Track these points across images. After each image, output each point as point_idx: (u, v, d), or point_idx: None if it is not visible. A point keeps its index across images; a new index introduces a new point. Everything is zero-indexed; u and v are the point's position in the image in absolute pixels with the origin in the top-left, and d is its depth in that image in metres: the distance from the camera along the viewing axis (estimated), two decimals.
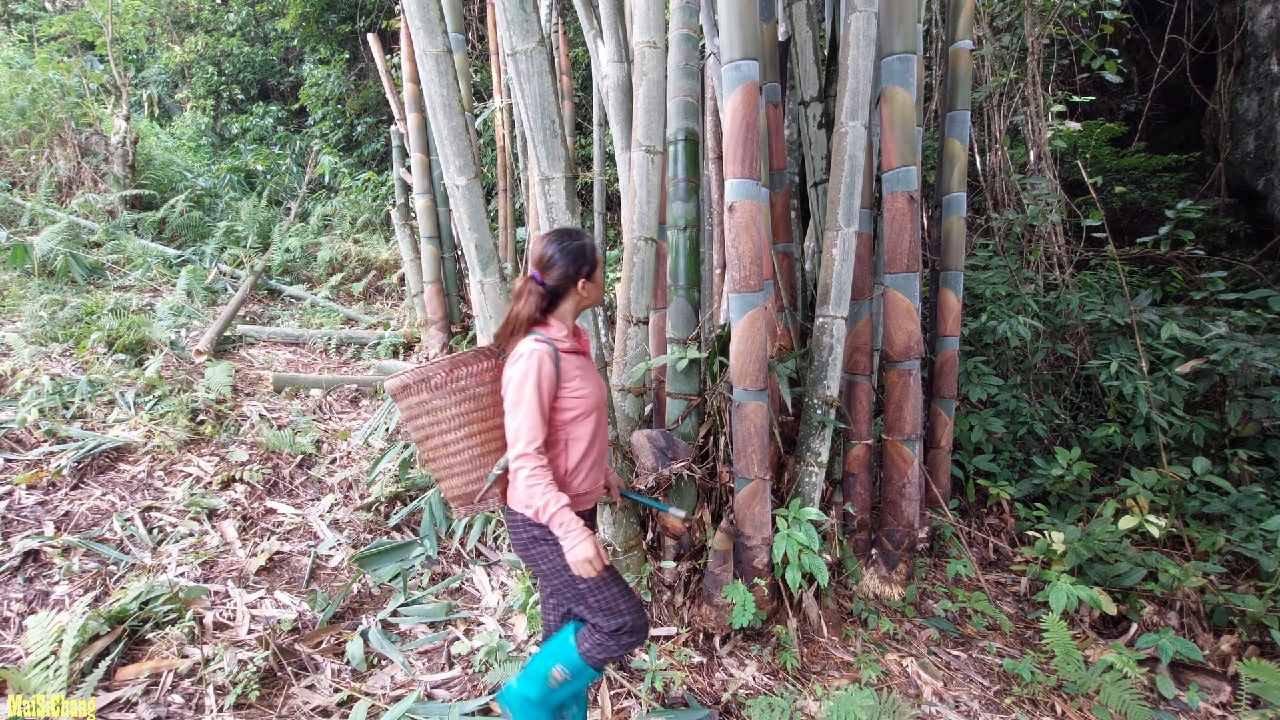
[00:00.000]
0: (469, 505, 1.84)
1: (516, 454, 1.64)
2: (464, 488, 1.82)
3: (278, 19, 10.57)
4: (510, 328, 1.74)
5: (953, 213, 3.64)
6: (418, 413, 1.77)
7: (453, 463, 1.80)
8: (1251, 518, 3.31)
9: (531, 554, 1.77)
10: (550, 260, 1.74)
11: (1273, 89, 5.28)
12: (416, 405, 1.76)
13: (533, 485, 1.63)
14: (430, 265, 5.40)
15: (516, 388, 1.65)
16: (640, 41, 2.96)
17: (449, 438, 1.78)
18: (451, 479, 1.81)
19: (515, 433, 1.65)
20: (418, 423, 1.78)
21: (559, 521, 1.63)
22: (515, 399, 1.65)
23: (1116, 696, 2.45)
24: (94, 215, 6.77)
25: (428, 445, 1.79)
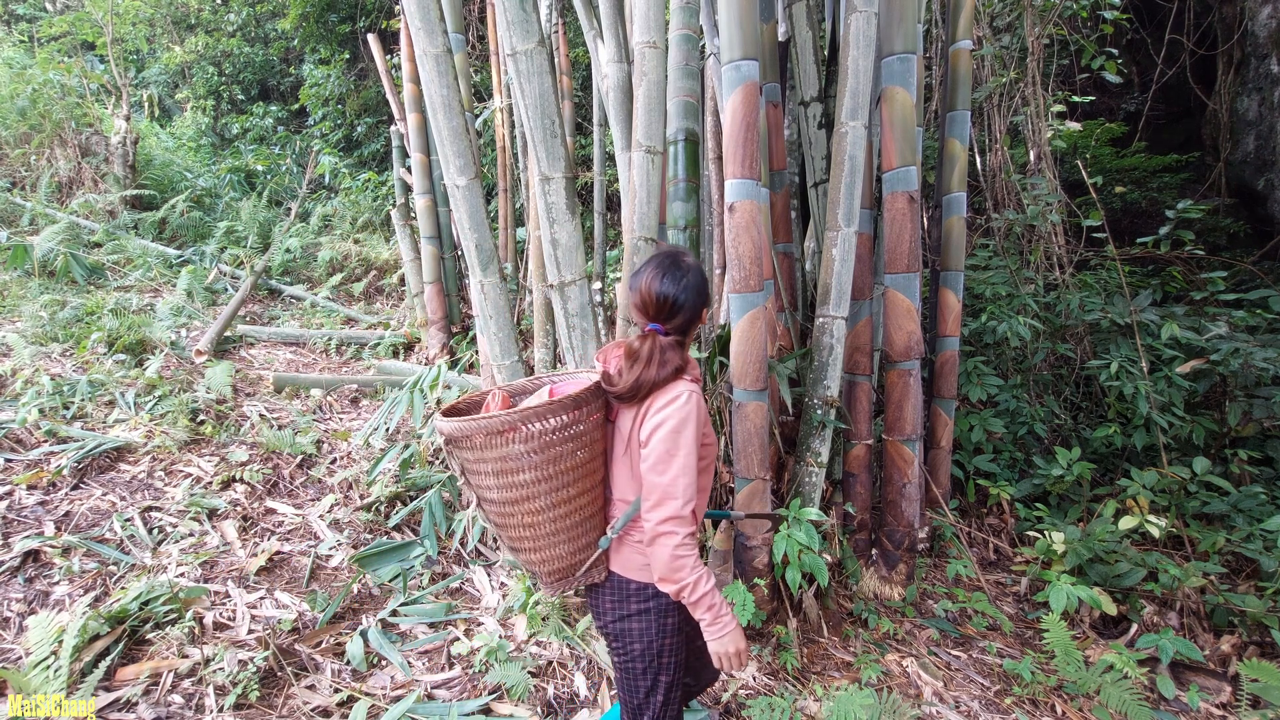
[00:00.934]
0: (567, 580, 1.49)
1: (666, 515, 1.33)
2: (571, 557, 1.47)
3: (278, 19, 10.58)
4: (643, 392, 1.40)
5: (953, 213, 3.64)
6: (517, 465, 1.35)
7: (559, 528, 1.42)
8: (1252, 518, 3.31)
9: (629, 627, 1.49)
10: (675, 305, 1.42)
11: (1273, 89, 5.28)
12: (520, 454, 1.35)
13: (683, 557, 1.34)
14: (430, 265, 5.41)
15: (671, 435, 1.35)
16: (640, 41, 2.96)
17: (559, 495, 1.40)
18: (555, 548, 1.44)
19: (665, 489, 1.34)
20: (516, 479, 1.36)
21: (709, 604, 1.36)
22: (669, 449, 1.34)
23: (1117, 697, 2.45)
24: (94, 215, 6.77)
25: (528, 506, 1.39)
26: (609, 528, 1.51)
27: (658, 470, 1.35)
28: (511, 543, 1.47)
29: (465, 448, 1.38)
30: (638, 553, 1.48)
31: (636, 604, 1.49)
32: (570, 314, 2.68)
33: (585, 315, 2.71)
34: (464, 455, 1.40)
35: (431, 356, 5.42)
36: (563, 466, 1.39)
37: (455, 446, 1.40)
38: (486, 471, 1.37)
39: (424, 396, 3.76)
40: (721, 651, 1.39)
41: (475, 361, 4.96)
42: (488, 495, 1.42)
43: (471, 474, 1.41)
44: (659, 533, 1.35)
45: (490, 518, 1.47)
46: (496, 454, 1.35)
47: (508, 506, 1.40)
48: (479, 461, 1.37)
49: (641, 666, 1.51)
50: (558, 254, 2.62)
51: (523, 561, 1.50)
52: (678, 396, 1.37)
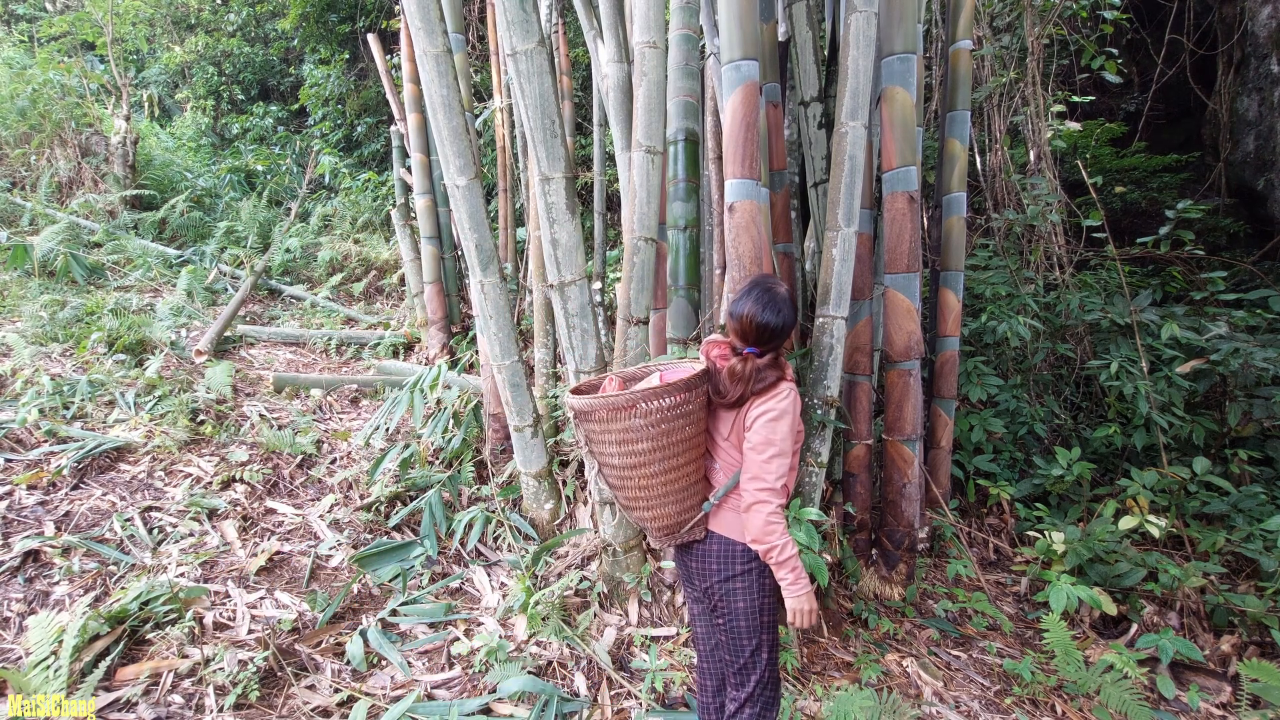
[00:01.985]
0: (674, 534, 1.75)
1: (763, 487, 1.60)
2: (677, 515, 1.73)
3: (278, 19, 10.57)
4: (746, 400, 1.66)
5: (953, 213, 3.64)
6: (636, 436, 1.62)
7: (669, 490, 1.69)
8: (1252, 518, 3.31)
9: (734, 586, 1.72)
10: (774, 332, 1.66)
11: (1273, 89, 5.28)
12: (640, 428, 1.61)
13: (774, 523, 1.60)
14: (430, 265, 5.40)
15: (772, 424, 1.61)
16: (640, 41, 2.96)
17: (673, 462, 1.66)
18: (665, 506, 1.71)
19: (764, 467, 1.60)
20: (635, 447, 1.63)
21: (792, 565, 1.62)
22: (770, 434, 1.61)
23: (1117, 697, 2.45)
24: (94, 215, 6.77)
25: (644, 471, 1.65)
26: (711, 494, 1.75)
27: (758, 450, 1.61)
28: (627, 502, 1.73)
29: (592, 421, 1.65)
30: (739, 517, 1.71)
31: (741, 565, 1.72)
32: (570, 314, 2.68)
33: (585, 315, 2.70)
34: (590, 427, 1.67)
35: (431, 356, 5.42)
36: (673, 439, 1.65)
37: (583, 420, 1.68)
38: (610, 441, 1.64)
39: (424, 396, 3.76)
40: (798, 608, 1.65)
41: (475, 361, 4.96)
42: (610, 461, 1.68)
43: (595, 444, 1.70)
44: (756, 500, 1.61)
45: (609, 481, 1.74)
46: (620, 426, 1.61)
47: (626, 471, 1.67)
48: (604, 433, 1.64)
49: (745, 624, 1.73)
50: (558, 254, 2.62)
51: (635, 518, 1.76)
52: (780, 392, 1.64)
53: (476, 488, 3.63)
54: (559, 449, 3.64)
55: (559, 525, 3.30)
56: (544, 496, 3.28)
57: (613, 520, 2.88)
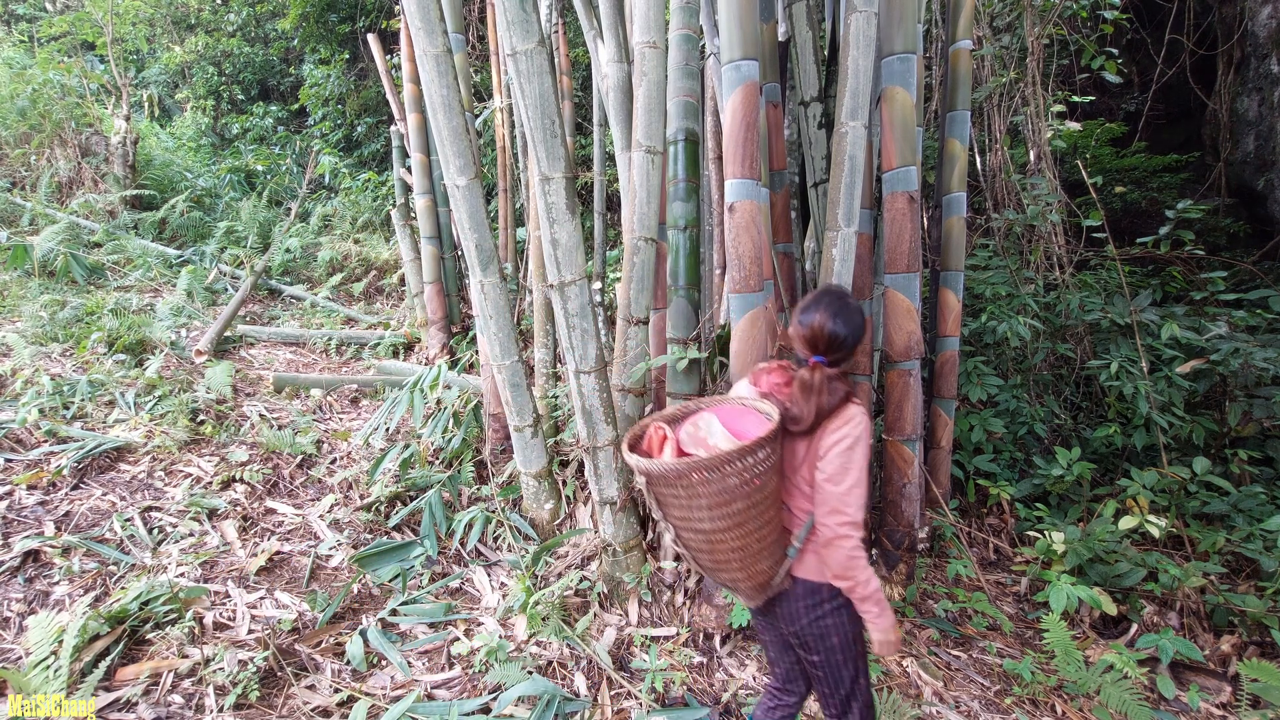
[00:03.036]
0: (767, 590, 1.63)
1: (844, 520, 1.52)
2: (771, 570, 1.61)
3: (278, 19, 10.57)
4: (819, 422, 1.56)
5: (953, 213, 3.64)
6: (732, 495, 1.47)
7: (763, 546, 1.57)
8: (1252, 518, 3.31)
9: (827, 624, 1.65)
10: (843, 342, 1.59)
11: (1273, 89, 5.28)
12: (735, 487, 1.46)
13: (857, 557, 1.53)
14: (430, 265, 5.40)
15: (847, 452, 1.53)
16: (640, 41, 2.96)
17: (765, 516, 1.55)
18: (760, 563, 1.58)
19: (843, 499, 1.52)
20: (730, 508, 1.48)
21: (876, 599, 1.56)
22: (845, 464, 1.53)
23: (1117, 697, 2.45)
24: (94, 215, 6.77)
25: (739, 532, 1.52)
26: (793, 538, 1.64)
27: (835, 481, 1.53)
28: (716, 565, 1.60)
29: (677, 486, 1.49)
30: (818, 557, 1.63)
31: (830, 604, 1.64)
32: (570, 314, 2.68)
33: (585, 315, 2.70)
34: (671, 492, 1.51)
35: (431, 356, 5.42)
36: (766, 493, 1.53)
37: (666, 484, 1.51)
38: (701, 506, 1.49)
39: (424, 396, 3.76)
40: (884, 640, 1.61)
41: (475, 361, 4.96)
42: (699, 526, 1.53)
43: (676, 508, 1.54)
44: (837, 535, 1.53)
45: (692, 545, 1.59)
46: (714, 488, 1.46)
47: (719, 534, 1.52)
48: (692, 496, 1.48)
49: (843, 658, 1.68)
50: (558, 254, 2.62)
51: (724, 580, 1.62)
52: (852, 417, 1.55)
53: (476, 488, 3.63)
54: (559, 449, 3.64)
55: (559, 525, 3.30)
56: (544, 496, 3.28)
57: (610, 520, 2.88)
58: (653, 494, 1.55)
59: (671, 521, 1.58)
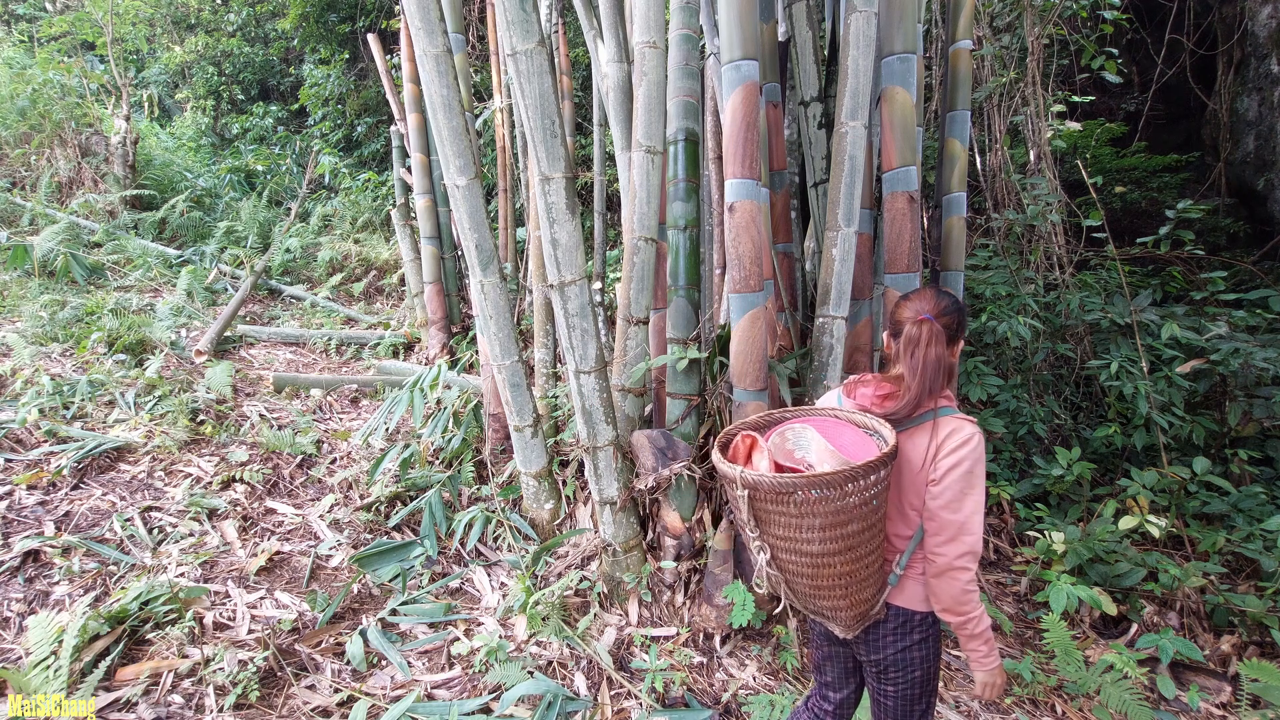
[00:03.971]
0: (864, 619, 1.52)
1: (963, 551, 1.39)
2: (873, 598, 1.50)
3: (278, 19, 10.57)
4: (930, 384, 1.43)
5: (953, 213, 3.63)
6: (849, 516, 1.34)
7: (870, 572, 1.44)
8: (1252, 518, 3.31)
9: (914, 655, 1.55)
10: (952, 307, 1.49)
11: (1273, 89, 5.28)
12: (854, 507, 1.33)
13: (971, 591, 1.42)
14: (430, 265, 5.40)
15: (966, 476, 1.39)
16: (640, 41, 2.96)
17: (876, 541, 1.43)
18: (864, 591, 1.46)
19: (961, 526, 1.39)
20: (844, 530, 1.35)
21: (987, 637, 1.47)
22: (964, 488, 1.39)
23: (1117, 697, 2.45)
24: (94, 215, 6.77)
25: (848, 556, 1.39)
26: (894, 565, 1.52)
27: (952, 508, 1.39)
28: (816, 592, 1.45)
29: (789, 501, 1.34)
30: (920, 585, 1.51)
31: (919, 633, 1.54)
32: (570, 314, 2.68)
33: (585, 315, 2.70)
34: (778, 508, 1.36)
35: (431, 356, 5.42)
36: (880, 514, 1.40)
37: (770, 500, 1.36)
38: (813, 525, 1.35)
39: (424, 396, 3.76)
40: (989, 682, 1.51)
41: (475, 361, 4.96)
42: (805, 548, 1.38)
43: (781, 527, 1.39)
44: (953, 567, 1.40)
45: (791, 569, 1.44)
46: (831, 507, 1.33)
47: (828, 558, 1.39)
48: (803, 515, 1.34)
49: (919, 691, 1.58)
50: (558, 254, 2.62)
51: (822, 608, 1.49)
52: (970, 439, 1.40)
53: (476, 488, 3.63)
54: (559, 449, 3.64)
55: (559, 525, 3.30)
56: (544, 496, 3.28)
57: (610, 520, 2.88)
58: (753, 510, 1.39)
59: (768, 541, 1.42)
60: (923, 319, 1.46)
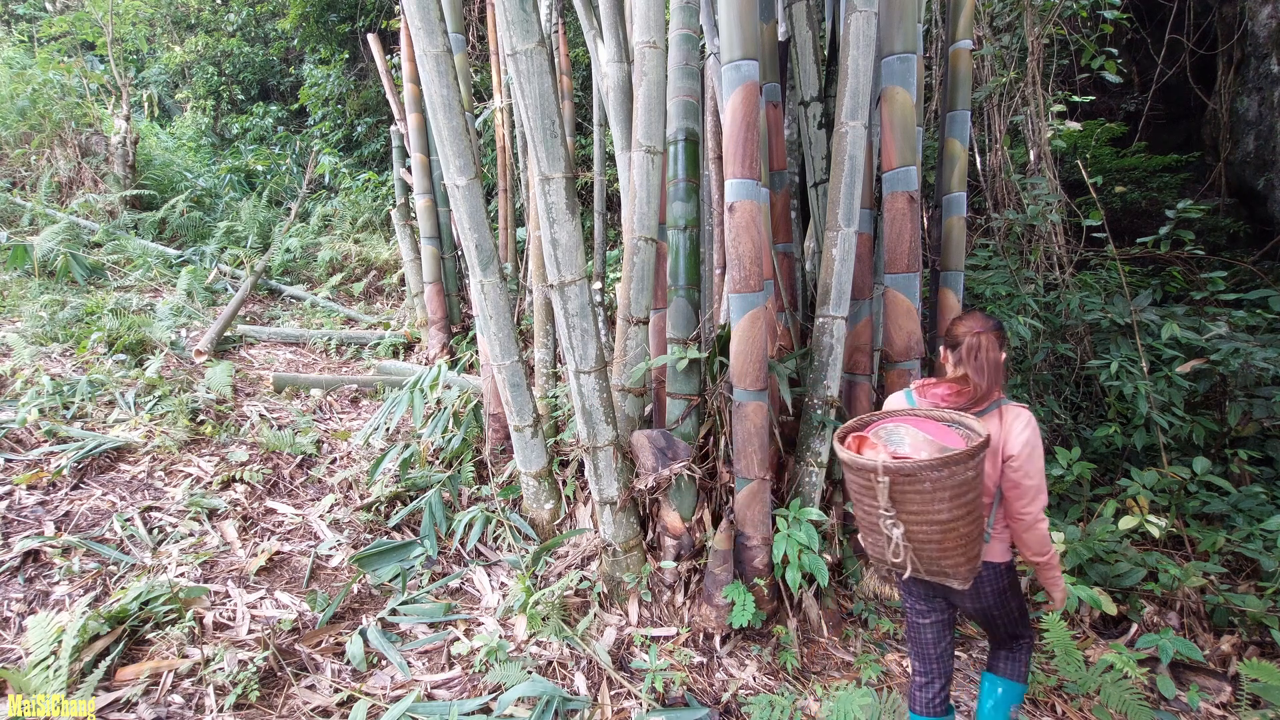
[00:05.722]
0: (975, 572, 1.81)
1: (1041, 506, 1.82)
2: (980, 553, 1.80)
3: (278, 19, 10.57)
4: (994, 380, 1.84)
5: (953, 213, 3.63)
6: (968, 487, 1.66)
7: (980, 530, 1.78)
8: (1252, 518, 3.31)
9: (1007, 597, 1.95)
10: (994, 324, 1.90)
11: (1273, 89, 5.28)
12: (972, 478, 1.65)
13: (1045, 532, 1.85)
14: (430, 265, 5.41)
15: (1033, 448, 1.79)
16: (640, 41, 2.96)
17: (982, 503, 1.75)
18: (975, 547, 1.77)
19: (1038, 488, 1.80)
20: (966, 498, 1.66)
21: (1057, 564, 1.93)
22: (1034, 456, 1.79)
23: (1117, 696, 2.45)
24: (94, 215, 6.77)
25: (968, 518, 1.70)
26: (985, 525, 1.84)
27: (1030, 475, 1.79)
28: (942, 554, 1.74)
29: (926, 480, 1.64)
30: (1001, 541, 1.93)
31: (1007, 579, 1.94)
32: (570, 314, 2.68)
33: (585, 315, 2.70)
34: (916, 488, 1.65)
35: (431, 356, 5.42)
36: (982, 484, 1.72)
37: (910, 482, 1.65)
38: (944, 497, 1.65)
39: (424, 396, 3.76)
40: (1062, 595, 1.99)
41: (475, 361, 4.96)
42: (936, 518, 1.68)
43: (916, 504, 1.68)
44: (1038, 519, 1.83)
45: (924, 538, 1.73)
46: (958, 480, 1.64)
47: (954, 523, 1.69)
48: (937, 489, 1.64)
49: (1018, 614, 2.00)
50: (558, 254, 2.62)
51: (945, 567, 1.76)
52: (1030, 419, 1.82)
53: (476, 488, 3.63)
54: (559, 449, 3.64)
55: (559, 525, 3.30)
56: (544, 496, 3.28)
57: (610, 520, 2.88)
58: (891, 494, 1.68)
59: (903, 518, 1.71)
60: (979, 332, 1.87)
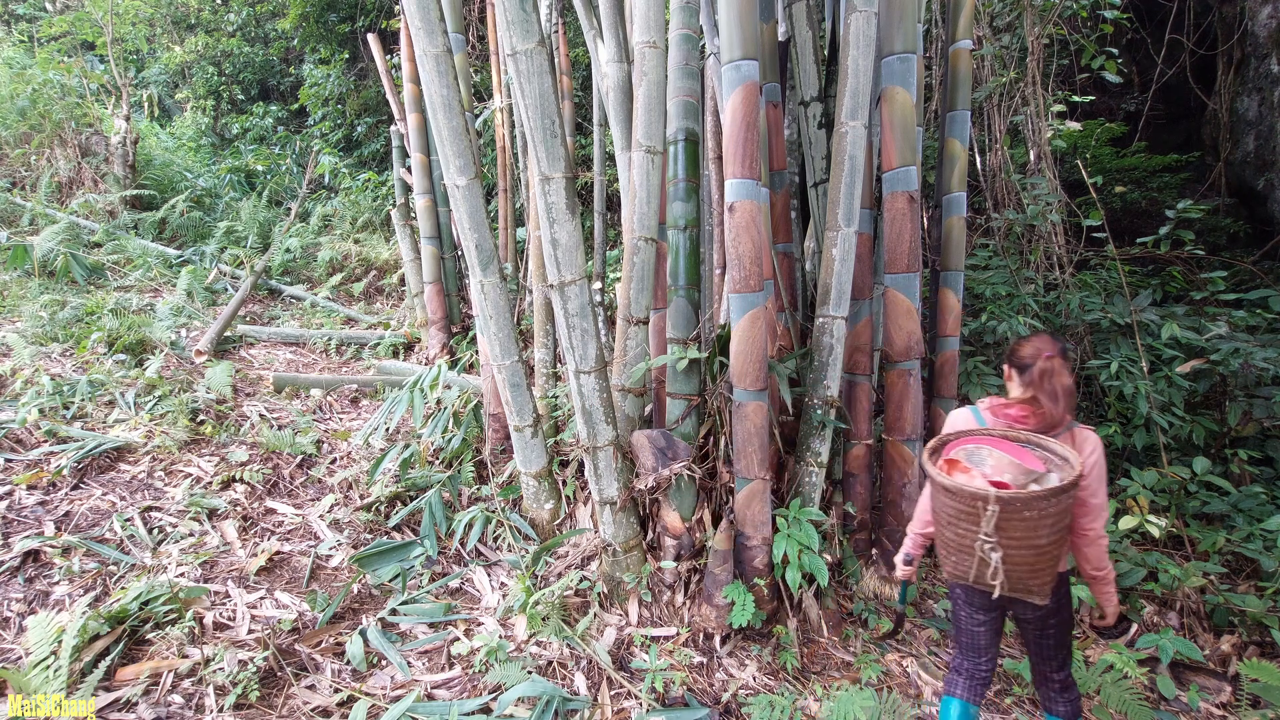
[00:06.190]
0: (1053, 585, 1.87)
1: (1104, 523, 1.90)
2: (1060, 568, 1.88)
3: (278, 19, 10.57)
4: (1069, 405, 1.88)
5: (953, 213, 3.64)
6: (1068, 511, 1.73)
7: (1066, 549, 1.87)
8: (1252, 518, 3.31)
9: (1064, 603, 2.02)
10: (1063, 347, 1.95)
11: (1273, 89, 5.28)
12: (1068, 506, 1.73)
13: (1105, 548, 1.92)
14: (430, 265, 5.40)
15: (1102, 468, 1.86)
16: (640, 41, 2.96)
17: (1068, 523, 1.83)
18: (1059, 563, 1.85)
19: (1103, 506, 1.88)
20: (1063, 522, 1.74)
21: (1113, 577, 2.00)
22: (1101, 479, 1.86)
23: (1117, 697, 2.45)
24: (94, 215, 6.77)
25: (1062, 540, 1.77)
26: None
27: (1097, 494, 1.86)
28: (1033, 574, 1.79)
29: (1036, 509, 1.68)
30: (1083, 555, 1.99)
31: (1065, 586, 2.02)
32: (570, 314, 2.68)
33: (585, 315, 2.70)
34: (1024, 515, 1.69)
35: (431, 356, 5.42)
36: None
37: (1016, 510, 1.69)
38: (1047, 524, 1.71)
39: (424, 396, 3.76)
40: (1114, 610, 2.03)
41: (475, 361, 4.96)
42: (1036, 542, 1.73)
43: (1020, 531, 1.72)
44: (1100, 535, 1.89)
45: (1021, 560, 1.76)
46: (1060, 507, 1.70)
47: (1050, 547, 1.75)
48: (1043, 516, 1.69)
49: (1069, 624, 2.06)
50: (558, 254, 2.62)
51: (1032, 585, 1.81)
52: (1098, 442, 1.89)
53: (476, 488, 3.63)
54: (559, 449, 3.64)
55: (559, 525, 3.30)
56: (544, 496, 3.28)
57: (610, 520, 2.88)
58: (996, 520, 1.71)
59: (1004, 542, 1.74)
60: (1050, 356, 1.89)
